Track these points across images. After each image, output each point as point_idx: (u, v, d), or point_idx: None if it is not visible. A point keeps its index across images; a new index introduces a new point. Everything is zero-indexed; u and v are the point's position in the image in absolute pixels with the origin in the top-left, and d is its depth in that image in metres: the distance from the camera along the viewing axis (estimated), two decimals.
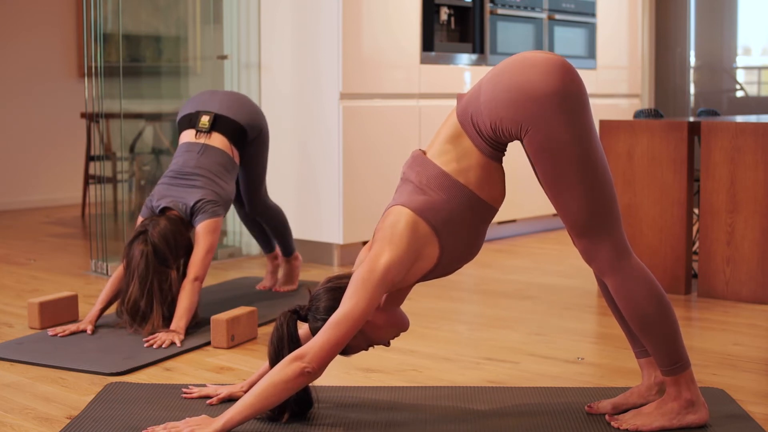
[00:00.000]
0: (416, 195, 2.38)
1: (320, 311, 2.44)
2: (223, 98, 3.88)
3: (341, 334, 2.27)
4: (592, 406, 2.56)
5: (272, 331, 2.46)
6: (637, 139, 4.23)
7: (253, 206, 4.11)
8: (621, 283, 2.33)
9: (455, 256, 2.41)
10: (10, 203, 7.64)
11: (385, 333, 2.49)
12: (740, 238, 4.03)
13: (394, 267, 2.31)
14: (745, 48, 7.28)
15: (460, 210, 2.36)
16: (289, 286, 4.31)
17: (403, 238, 2.33)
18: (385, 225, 2.37)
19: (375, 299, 2.30)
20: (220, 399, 2.64)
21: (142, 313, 3.42)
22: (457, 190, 2.36)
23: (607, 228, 2.31)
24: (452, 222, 2.36)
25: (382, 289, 2.31)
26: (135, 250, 3.43)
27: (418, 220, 2.35)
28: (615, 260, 2.32)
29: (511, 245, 5.61)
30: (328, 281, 2.49)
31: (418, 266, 2.38)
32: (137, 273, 3.41)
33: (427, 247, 2.36)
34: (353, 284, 2.32)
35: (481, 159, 2.36)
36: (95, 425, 2.46)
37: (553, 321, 3.74)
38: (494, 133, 2.33)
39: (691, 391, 2.40)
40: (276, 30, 5.20)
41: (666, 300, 2.37)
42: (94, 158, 6.84)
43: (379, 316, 2.45)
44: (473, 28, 5.67)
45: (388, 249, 2.32)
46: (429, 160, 2.40)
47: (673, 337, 2.37)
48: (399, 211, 2.37)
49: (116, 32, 5.00)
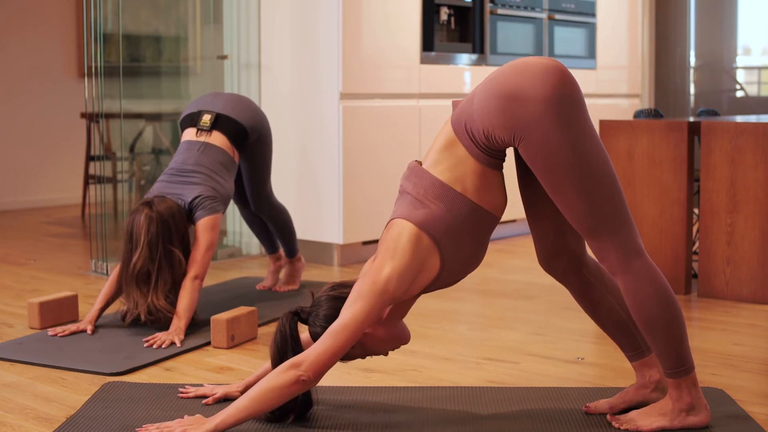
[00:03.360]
0: (416, 207, 2.36)
1: (320, 318, 2.43)
2: (226, 99, 3.90)
3: (339, 344, 2.27)
4: (589, 406, 2.56)
5: (274, 332, 2.46)
6: (637, 139, 4.23)
7: (258, 205, 4.12)
8: (631, 282, 2.32)
9: (457, 266, 2.40)
10: (10, 203, 7.64)
11: (384, 345, 2.48)
12: (740, 238, 4.03)
13: (395, 280, 2.31)
14: (745, 48, 7.28)
15: (459, 219, 2.35)
16: (290, 286, 4.31)
17: (406, 251, 2.33)
18: (388, 238, 2.37)
19: (375, 312, 2.30)
20: (216, 399, 2.64)
21: (146, 278, 3.39)
22: (454, 199, 2.34)
23: (613, 229, 2.30)
24: (452, 232, 2.35)
25: (383, 302, 2.30)
26: (140, 217, 3.41)
27: (420, 233, 2.34)
28: (624, 260, 2.31)
29: (511, 245, 5.61)
30: (331, 288, 2.48)
31: (421, 277, 2.37)
32: (144, 236, 3.38)
33: (429, 259, 2.36)
34: (354, 294, 2.31)
35: (477, 166, 2.35)
36: (92, 424, 2.46)
37: (553, 321, 3.74)
38: (487, 140, 2.31)
39: (692, 395, 2.39)
40: (276, 30, 5.20)
41: (675, 303, 2.35)
42: (94, 158, 6.83)
43: (380, 329, 2.44)
44: (473, 28, 5.66)
45: (391, 262, 2.32)
46: (425, 170, 2.39)
47: (680, 341, 2.35)
48: (401, 224, 2.36)
49: (116, 32, 5.00)
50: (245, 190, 4.10)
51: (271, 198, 4.16)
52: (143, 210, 3.43)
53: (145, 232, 3.39)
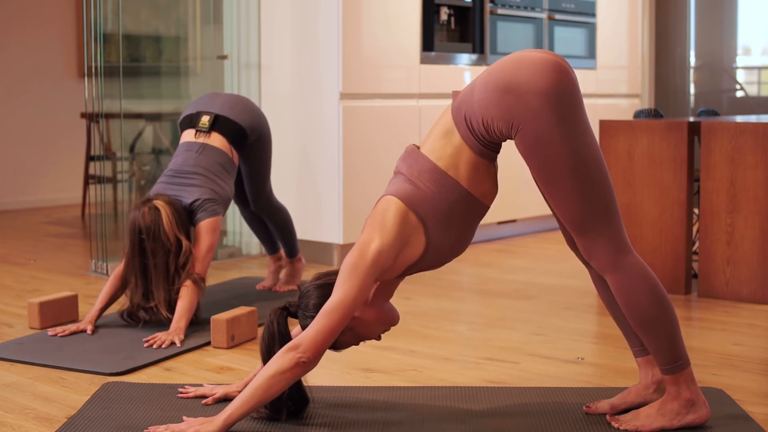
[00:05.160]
0: (406, 185, 2.39)
1: (310, 308, 2.44)
2: (225, 100, 3.89)
3: (334, 321, 2.28)
4: (590, 406, 2.56)
5: (263, 329, 2.47)
6: (637, 139, 4.23)
7: (258, 205, 4.12)
8: (621, 280, 2.33)
9: (442, 249, 2.41)
10: (10, 203, 7.64)
11: (375, 328, 2.49)
12: (740, 238, 4.03)
13: (384, 252, 2.33)
14: (745, 48, 7.28)
15: (448, 203, 2.37)
16: (291, 286, 4.31)
17: (394, 225, 2.35)
18: (375, 213, 2.40)
19: (366, 285, 2.31)
20: (216, 399, 2.64)
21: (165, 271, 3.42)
22: (447, 184, 2.36)
23: (603, 225, 2.31)
24: (440, 214, 2.37)
25: (372, 274, 2.32)
26: (142, 213, 3.42)
27: (406, 209, 2.37)
28: (614, 257, 2.32)
29: (511, 245, 5.61)
30: (317, 278, 2.50)
31: (405, 254, 2.38)
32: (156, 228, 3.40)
33: (414, 236, 2.37)
34: (344, 271, 2.32)
35: (472, 156, 2.37)
36: (91, 425, 2.46)
37: (553, 321, 3.74)
38: (486, 132, 2.33)
39: (691, 390, 2.40)
40: (276, 30, 5.20)
41: (666, 298, 2.37)
42: (94, 158, 6.84)
43: (369, 312, 2.45)
44: (473, 28, 5.66)
45: (378, 235, 2.34)
46: (422, 154, 2.41)
47: (673, 336, 2.37)
48: (388, 200, 2.39)
49: (116, 32, 5.00)
50: (245, 190, 4.10)
51: (271, 198, 4.16)
52: (145, 206, 3.44)
53: (156, 224, 3.41)
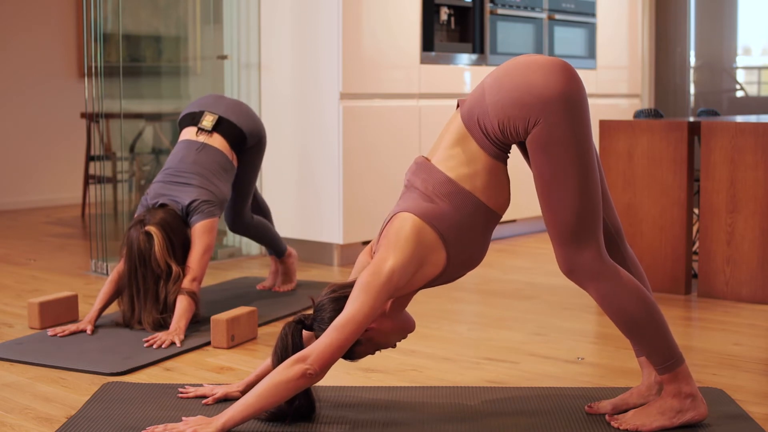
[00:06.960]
0: (423, 202, 2.38)
1: (325, 322, 2.41)
2: (228, 104, 3.91)
3: (344, 337, 2.27)
4: (592, 406, 2.56)
5: (276, 341, 2.46)
6: (637, 139, 4.23)
7: (235, 226, 4.10)
8: (604, 288, 2.34)
9: (460, 262, 2.42)
10: (10, 203, 7.64)
11: (392, 337, 2.49)
12: (740, 238, 4.03)
13: (398, 271, 2.31)
14: (745, 48, 7.28)
15: (466, 218, 2.37)
16: (288, 285, 4.31)
17: (409, 243, 2.34)
18: (390, 230, 2.37)
19: (379, 303, 2.30)
20: (216, 399, 2.64)
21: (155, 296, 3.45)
22: (463, 198, 2.36)
23: (592, 232, 2.32)
24: (459, 229, 2.37)
25: (386, 293, 2.31)
26: (137, 236, 3.44)
27: (424, 226, 2.35)
28: (598, 265, 2.32)
29: (511, 245, 5.61)
30: (332, 290, 2.47)
31: (423, 272, 2.38)
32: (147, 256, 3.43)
33: (433, 254, 2.36)
34: (357, 288, 2.31)
35: (488, 161, 2.37)
36: (91, 425, 2.46)
37: (553, 321, 3.74)
38: (502, 133, 2.34)
39: (690, 385, 2.41)
40: (276, 30, 5.20)
41: (650, 298, 2.38)
42: (94, 158, 6.83)
43: (386, 322, 2.45)
44: (473, 28, 5.66)
45: (393, 254, 2.33)
46: (434, 166, 2.40)
47: (663, 335, 2.37)
48: (404, 217, 2.37)
49: (116, 32, 5.00)
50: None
51: (247, 219, 4.10)
52: (139, 230, 3.45)
53: (147, 252, 3.43)
